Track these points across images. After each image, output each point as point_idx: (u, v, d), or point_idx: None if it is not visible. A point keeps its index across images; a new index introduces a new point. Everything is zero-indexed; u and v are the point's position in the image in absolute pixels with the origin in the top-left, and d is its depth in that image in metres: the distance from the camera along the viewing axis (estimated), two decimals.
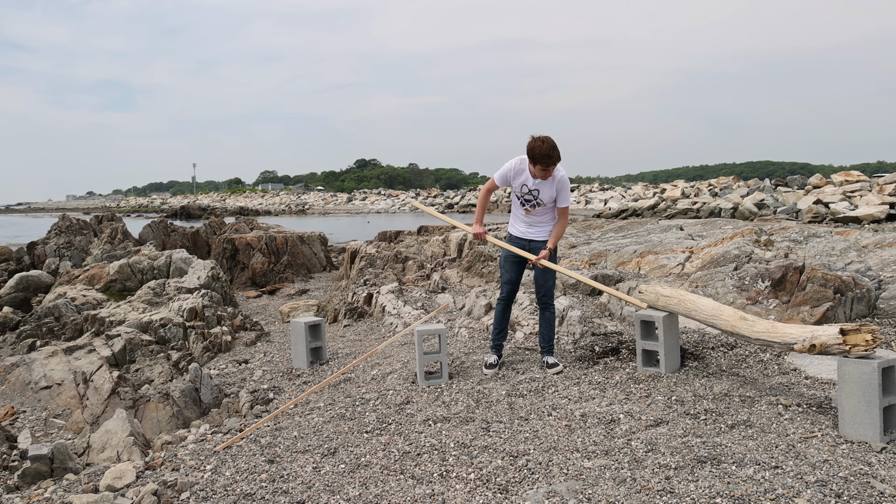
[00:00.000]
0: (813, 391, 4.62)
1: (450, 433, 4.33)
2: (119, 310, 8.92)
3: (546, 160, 5.24)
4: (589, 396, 4.81)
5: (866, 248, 8.51)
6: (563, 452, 3.89)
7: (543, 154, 5.22)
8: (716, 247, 9.23)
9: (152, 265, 12.16)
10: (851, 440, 3.79)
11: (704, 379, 4.96)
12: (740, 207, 30.14)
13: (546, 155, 5.22)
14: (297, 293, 12.39)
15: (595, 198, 59.60)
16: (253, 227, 17.41)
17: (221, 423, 5.51)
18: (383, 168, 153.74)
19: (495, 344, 5.77)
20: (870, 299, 6.34)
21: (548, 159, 5.23)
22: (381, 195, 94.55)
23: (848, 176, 32.41)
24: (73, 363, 6.88)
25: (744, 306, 6.55)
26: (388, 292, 8.87)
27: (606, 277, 8.42)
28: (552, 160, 5.25)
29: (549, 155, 5.22)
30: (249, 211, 65.29)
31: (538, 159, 5.25)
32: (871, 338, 3.89)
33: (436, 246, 12.31)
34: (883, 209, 22.91)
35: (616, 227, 14.77)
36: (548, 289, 5.59)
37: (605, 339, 6.10)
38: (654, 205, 37.91)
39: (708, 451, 3.72)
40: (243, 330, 8.65)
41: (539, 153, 5.23)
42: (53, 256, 14.40)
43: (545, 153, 5.21)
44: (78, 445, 5.02)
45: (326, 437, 4.50)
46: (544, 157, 5.22)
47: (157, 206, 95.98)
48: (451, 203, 68.85)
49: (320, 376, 6.24)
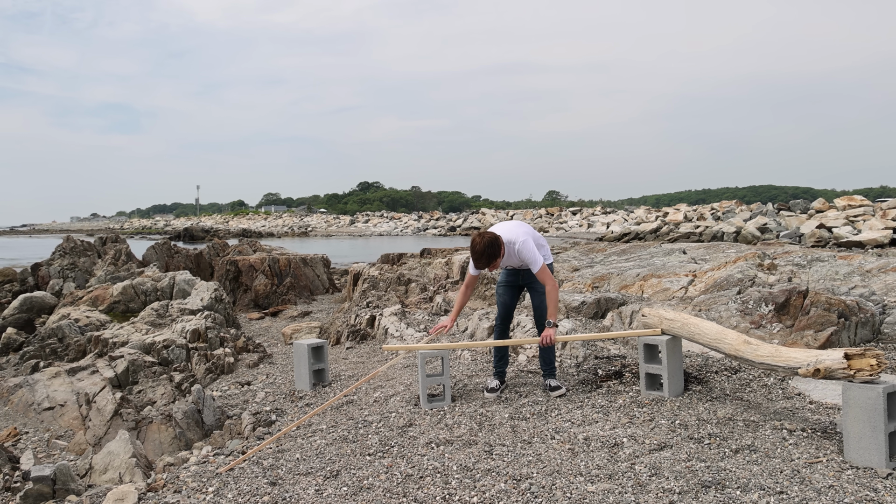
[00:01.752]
0: (818, 416, 4.60)
1: (452, 456, 4.31)
2: (122, 331, 8.93)
3: (477, 262, 5.33)
4: (592, 420, 4.79)
5: (870, 272, 8.51)
6: (567, 476, 3.87)
7: (477, 255, 5.29)
8: (719, 270, 9.23)
9: (156, 287, 12.19)
10: (857, 466, 3.77)
11: (708, 403, 4.95)
12: (743, 231, 30.15)
13: (477, 258, 5.30)
14: (300, 315, 12.39)
15: (598, 221, 59.68)
16: (256, 249, 17.45)
17: (224, 444, 5.49)
18: (386, 191, 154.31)
19: (497, 371, 5.76)
20: (874, 324, 6.34)
21: (479, 261, 5.31)
22: (384, 218, 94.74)
23: (851, 200, 32.45)
24: (76, 384, 6.88)
25: (747, 330, 6.54)
26: (390, 314, 8.88)
27: (609, 301, 8.42)
28: (485, 262, 5.29)
29: (480, 257, 5.28)
30: (252, 233, 65.47)
31: (474, 261, 5.36)
32: (876, 362, 3.88)
33: (439, 268, 12.33)
34: (886, 234, 22.91)
35: (619, 250, 14.79)
36: (544, 310, 5.56)
37: (609, 363, 6.09)
38: (657, 228, 37.94)
39: (712, 475, 3.70)
40: (246, 352, 8.65)
41: (472, 254, 5.33)
42: (57, 278, 14.44)
43: (478, 255, 5.29)
44: (80, 467, 5.01)
45: (329, 459, 4.48)
46: (478, 258, 5.29)
47: (160, 227, 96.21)
48: (454, 226, 68.97)
49: (323, 398, 6.23)
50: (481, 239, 5.29)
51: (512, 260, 5.48)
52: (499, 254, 5.31)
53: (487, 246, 5.25)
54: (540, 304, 5.58)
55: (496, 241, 5.28)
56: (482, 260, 5.29)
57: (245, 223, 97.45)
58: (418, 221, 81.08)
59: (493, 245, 5.26)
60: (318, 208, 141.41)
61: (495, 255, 5.30)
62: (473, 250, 5.32)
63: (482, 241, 5.28)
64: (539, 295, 5.58)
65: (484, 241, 5.27)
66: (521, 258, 5.41)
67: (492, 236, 5.29)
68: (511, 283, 5.71)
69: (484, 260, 5.29)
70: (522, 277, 5.66)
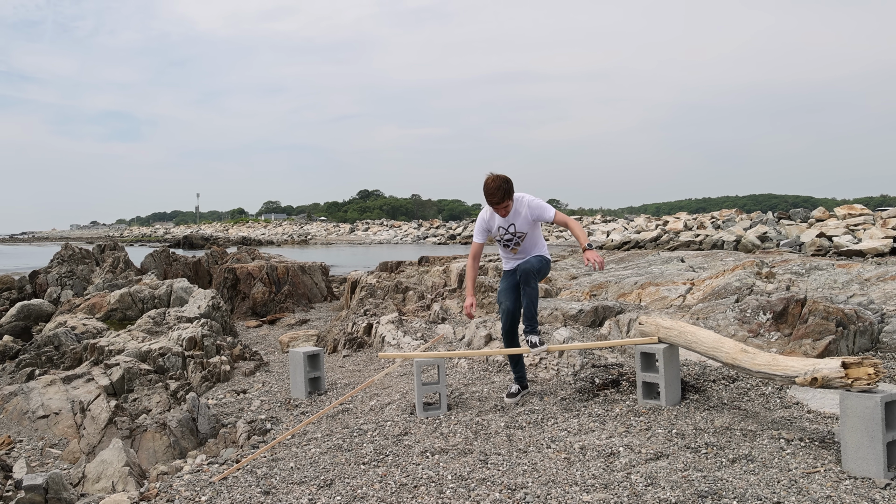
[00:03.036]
0: (815, 425, 4.56)
1: (447, 465, 4.28)
2: (118, 339, 8.90)
3: (492, 197, 5.28)
4: (588, 429, 4.76)
5: (869, 281, 8.48)
6: (562, 486, 3.84)
7: (490, 191, 5.27)
8: (717, 279, 9.21)
9: (153, 294, 12.16)
10: (855, 476, 3.73)
11: (705, 412, 4.91)
12: (743, 240, 30.13)
13: (492, 192, 5.27)
14: (298, 323, 12.36)
15: (598, 230, 59.67)
16: (254, 256, 17.44)
17: (218, 453, 5.46)
18: (386, 199, 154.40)
19: (516, 377, 5.77)
20: (872, 332, 6.31)
21: (494, 195, 5.27)
22: (384, 226, 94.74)
23: (851, 209, 32.45)
24: (72, 392, 6.84)
25: (745, 339, 6.51)
26: (387, 322, 8.85)
27: (607, 309, 8.39)
28: (500, 196, 5.26)
29: (494, 192, 5.25)
30: (252, 241, 65.45)
31: (487, 197, 5.32)
32: (874, 371, 3.85)
33: (436, 276, 12.30)
34: (887, 243, 22.89)
35: (617, 258, 14.78)
36: (525, 269, 5.46)
37: (606, 371, 6.05)
38: (657, 237, 37.92)
39: (709, 485, 3.67)
40: (242, 360, 8.62)
41: (486, 191, 5.30)
42: (55, 285, 14.42)
43: (491, 191, 5.26)
44: (73, 475, 4.97)
45: (323, 468, 4.45)
46: (490, 194, 5.27)
47: (160, 235, 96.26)
48: (454, 234, 68.95)
49: (318, 407, 6.19)
50: (494, 176, 5.28)
51: (520, 214, 5.41)
52: (512, 191, 5.29)
53: (503, 181, 5.24)
54: (530, 302, 5.50)
55: (509, 179, 5.29)
56: (497, 194, 5.23)
57: (245, 231, 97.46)
58: (418, 230, 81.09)
59: (507, 181, 5.26)
60: (318, 216, 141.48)
61: (510, 192, 5.27)
62: (487, 187, 5.27)
63: (495, 177, 5.27)
64: (530, 291, 5.49)
65: (497, 177, 5.27)
66: (532, 210, 5.38)
67: (504, 175, 5.30)
68: (510, 286, 5.64)
69: (499, 194, 5.24)
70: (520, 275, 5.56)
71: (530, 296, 5.54)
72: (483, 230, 5.62)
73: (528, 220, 5.45)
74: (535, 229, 5.57)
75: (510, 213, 5.43)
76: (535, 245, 5.60)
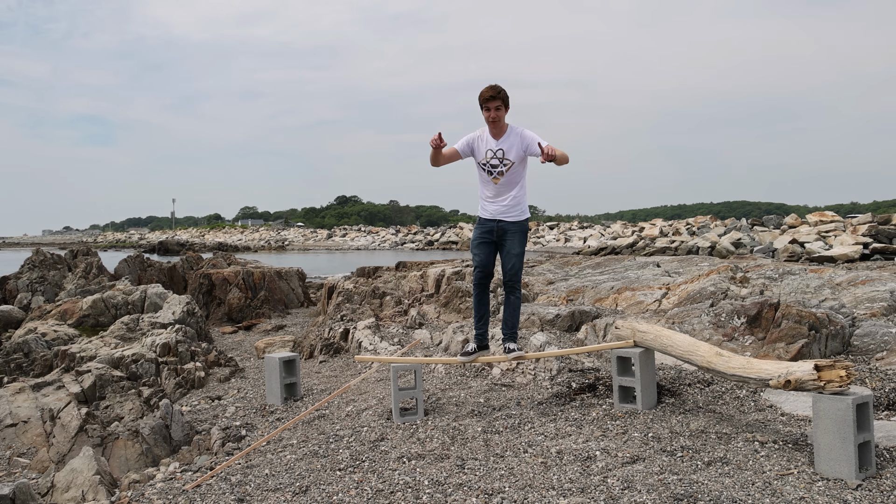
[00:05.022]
0: (789, 428, 4.60)
1: (424, 470, 4.25)
2: (90, 345, 8.76)
3: (488, 91, 5.25)
4: (565, 433, 4.76)
5: (840, 285, 8.60)
6: (539, 490, 3.83)
7: (487, 88, 5.26)
8: (692, 283, 9.28)
9: (126, 300, 12.00)
10: (827, 477, 3.77)
11: (681, 415, 4.94)
12: (718, 246, 30.45)
13: (487, 90, 5.26)
14: (274, 329, 12.26)
15: (574, 236, 59.98)
16: (230, 262, 17.28)
17: (192, 460, 5.38)
18: (364, 205, 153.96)
19: (477, 333, 5.68)
20: (844, 336, 6.39)
21: (489, 91, 5.25)
22: (362, 232, 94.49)
23: (823, 216, 32.95)
24: (41, 400, 6.71)
25: (720, 343, 6.56)
26: (364, 328, 8.80)
27: (584, 314, 8.42)
28: (496, 91, 5.25)
29: (490, 89, 5.26)
30: (228, 247, 64.89)
31: (484, 101, 5.27)
32: (846, 374, 3.89)
33: (413, 282, 12.27)
34: (857, 249, 23.26)
35: (593, 263, 14.85)
36: (514, 272, 5.46)
37: (582, 376, 6.07)
38: (633, 243, 38.20)
39: (684, 488, 3.68)
40: (217, 366, 8.52)
41: (483, 94, 5.26)
42: (26, 291, 14.17)
43: (488, 88, 5.26)
44: (42, 485, 4.87)
45: (298, 474, 4.40)
46: (486, 91, 5.26)
47: (134, 241, 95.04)
48: (432, 240, 68.94)
49: (294, 413, 6.14)
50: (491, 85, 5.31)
51: (513, 141, 5.34)
52: (508, 101, 5.30)
53: (502, 88, 5.28)
54: (511, 266, 5.45)
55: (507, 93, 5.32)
56: (493, 90, 5.24)
57: (221, 237, 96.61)
58: (396, 236, 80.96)
59: (505, 91, 5.29)
60: (296, 222, 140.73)
61: (506, 100, 5.29)
62: (484, 92, 5.27)
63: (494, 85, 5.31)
64: (512, 257, 5.45)
65: (496, 85, 5.31)
66: (523, 139, 5.32)
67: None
68: (486, 240, 5.51)
69: (494, 91, 5.24)
70: (497, 233, 5.48)
71: (514, 305, 5.56)
72: (466, 143, 5.49)
73: (519, 151, 5.35)
74: (523, 166, 5.45)
75: (503, 135, 5.37)
76: (517, 183, 5.44)
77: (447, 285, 10.86)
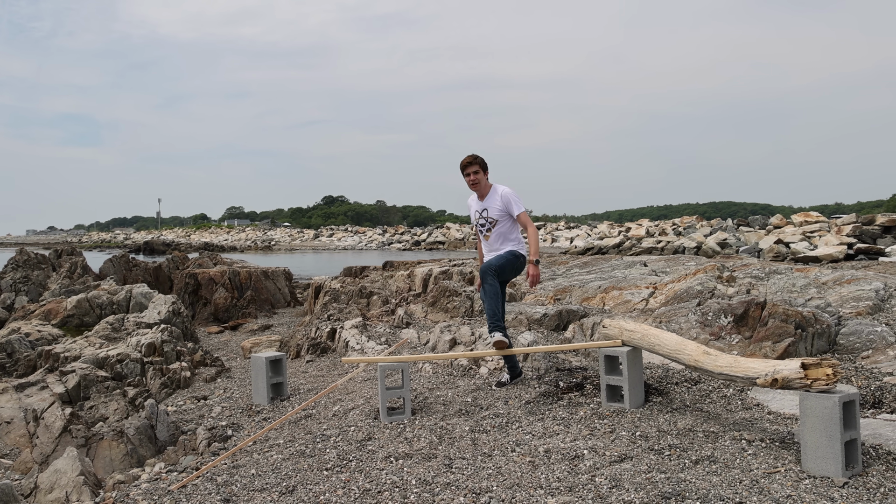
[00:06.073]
0: (776, 426, 4.62)
1: (411, 470, 4.24)
2: (75, 345, 8.68)
3: (471, 163, 5.83)
4: (553, 432, 4.76)
5: (826, 284, 8.65)
6: (527, 489, 3.82)
7: (467, 160, 5.86)
8: (679, 283, 9.31)
9: (111, 300, 11.91)
10: (814, 475, 3.78)
11: (668, 414, 4.94)
12: (703, 246, 30.61)
13: (468, 162, 5.85)
14: (260, 329, 12.20)
15: (561, 236, 60.14)
16: (217, 262, 17.19)
17: (177, 461, 5.34)
18: (351, 205, 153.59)
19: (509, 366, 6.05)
20: (830, 335, 6.42)
21: (475, 164, 5.82)
22: (349, 232, 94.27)
23: (807, 217, 33.21)
24: (24, 400, 6.64)
25: (707, 341, 6.58)
26: (351, 327, 8.77)
27: (571, 313, 8.43)
28: (470, 159, 5.84)
29: (471, 161, 5.84)
30: (215, 247, 64.58)
31: (462, 168, 5.88)
32: (832, 372, 3.91)
33: (401, 281, 12.25)
34: (841, 249, 23.45)
35: (581, 262, 14.87)
36: (483, 268, 5.85)
37: (570, 375, 6.07)
38: (620, 243, 38.34)
39: (672, 486, 3.68)
40: (203, 366, 8.46)
41: (463, 162, 5.89)
42: (9, 291, 14.03)
43: (468, 160, 5.86)
44: (25, 486, 4.82)
45: (285, 474, 4.37)
46: (468, 164, 5.85)
47: (120, 241, 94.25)
48: (418, 240, 68.89)
49: (281, 412, 6.10)
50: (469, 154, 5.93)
51: (494, 201, 5.86)
52: (485, 165, 5.89)
53: (477, 155, 5.89)
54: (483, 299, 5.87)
55: (483, 159, 5.91)
56: (467, 160, 5.86)
57: (207, 237, 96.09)
58: (383, 236, 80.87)
59: (480, 157, 5.89)
60: (282, 222, 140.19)
61: (483, 166, 5.87)
62: (463, 161, 5.89)
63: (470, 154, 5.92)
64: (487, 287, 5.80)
65: (472, 154, 5.92)
66: (503, 198, 5.84)
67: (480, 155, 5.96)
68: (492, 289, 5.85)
69: (468, 160, 5.85)
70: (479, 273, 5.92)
71: (486, 292, 5.67)
72: (472, 217, 6.13)
73: (500, 209, 5.85)
74: (509, 222, 5.91)
75: (486, 197, 5.92)
76: (506, 237, 5.92)
77: (434, 284, 10.85)
